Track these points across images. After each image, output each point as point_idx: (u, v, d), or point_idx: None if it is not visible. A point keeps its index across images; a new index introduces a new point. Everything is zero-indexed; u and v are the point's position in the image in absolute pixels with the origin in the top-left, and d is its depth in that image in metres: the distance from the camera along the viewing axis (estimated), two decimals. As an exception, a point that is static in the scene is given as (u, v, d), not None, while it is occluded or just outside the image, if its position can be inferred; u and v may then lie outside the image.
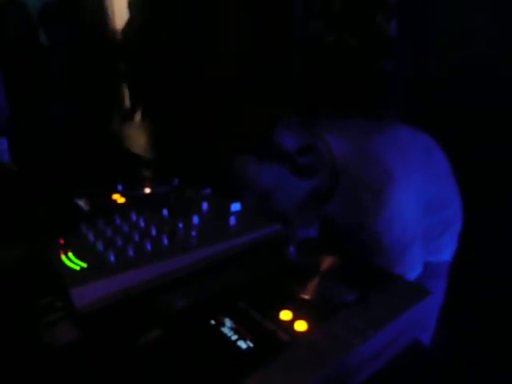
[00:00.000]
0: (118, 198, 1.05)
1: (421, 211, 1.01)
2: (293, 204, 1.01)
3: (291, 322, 0.58)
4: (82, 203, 1.02)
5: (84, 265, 0.75)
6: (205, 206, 0.96)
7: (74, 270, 0.74)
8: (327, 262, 0.72)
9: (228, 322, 0.59)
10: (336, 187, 1.00)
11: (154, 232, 0.84)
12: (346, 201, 1.00)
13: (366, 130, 1.04)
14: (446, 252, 1.18)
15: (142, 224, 0.88)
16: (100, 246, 0.79)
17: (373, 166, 0.96)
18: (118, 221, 0.89)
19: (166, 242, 0.81)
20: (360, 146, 0.99)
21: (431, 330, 1.18)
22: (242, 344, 0.55)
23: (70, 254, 0.77)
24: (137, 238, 0.82)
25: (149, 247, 0.79)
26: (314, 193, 1.00)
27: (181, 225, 0.87)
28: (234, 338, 0.56)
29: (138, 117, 3.13)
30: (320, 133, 1.01)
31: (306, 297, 0.64)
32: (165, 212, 0.93)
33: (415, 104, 1.69)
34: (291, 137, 0.92)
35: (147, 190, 1.09)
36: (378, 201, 0.94)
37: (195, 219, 0.89)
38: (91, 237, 0.83)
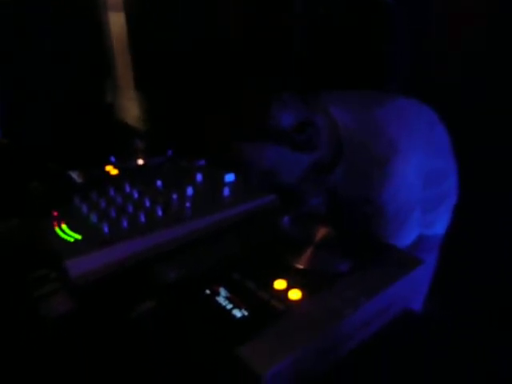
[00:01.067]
0: (111, 170, 1.04)
1: (421, 183, 1.02)
2: (297, 179, 1.01)
3: (285, 291, 0.59)
4: (75, 175, 1.01)
5: (78, 236, 0.75)
6: (199, 177, 0.95)
7: (68, 242, 0.74)
8: (321, 233, 0.72)
9: (223, 292, 0.59)
10: (339, 159, 1.00)
11: (147, 203, 0.84)
12: (350, 172, 1.00)
13: (370, 102, 1.04)
14: (439, 225, 1.19)
15: (136, 195, 0.88)
16: (94, 218, 0.79)
17: (377, 137, 0.95)
18: (111, 192, 0.88)
19: (160, 213, 0.81)
20: (364, 117, 0.99)
21: (421, 301, 1.20)
22: (237, 313, 0.56)
23: (64, 226, 0.77)
24: (130, 209, 0.82)
25: (143, 219, 0.79)
26: (318, 165, 1.01)
27: (175, 196, 0.87)
28: (229, 307, 0.57)
29: (132, 87, 3.08)
30: (320, 106, 1.00)
31: (300, 266, 0.64)
32: (159, 183, 0.92)
33: (416, 77, 1.67)
34: (287, 114, 0.91)
35: (141, 162, 1.08)
36: (383, 172, 0.94)
37: (189, 190, 0.89)
38: (85, 209, 0.82)
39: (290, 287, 0.60)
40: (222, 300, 0.58)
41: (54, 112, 1.70)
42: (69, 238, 0.74)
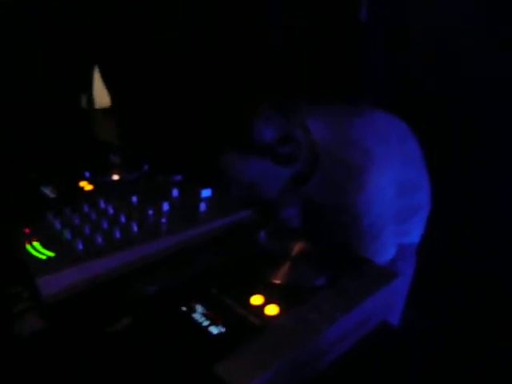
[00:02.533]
0: (86, 185, 1.02)
1: (395, 194, 1.04)
2: (277, 192, 1.02)
3: (262, 307, 0.59)
4: (47, 191, 1.00)
5: (51, 254, 0.73)
6: (175, 192, 0.95)
7: (40, 259, 0.72)
8: (298, 247, 0.73)
9: (199, 308, 0.59)
10: (315, 169, 1.02)
11: (123, 219, 0.83)
12: (325, 182, 1.02)
13: (346, 114, 1.06)
14: (414, 234, 1.22)
15: (111, 211, 0.86)
16: (67, 235, 0.77)
17: (353, 147, 0.97)
18: (85, 208, 0.87)
19: (135, 229, 0.80)
20: (340, 128, 1.01)
21: (399, 311, 1.21)
22: (214, 329, 0.55)
23: (36, 244, 0.75)
24: (105, 225, 0.81)
25: (118, 235, 0.78)
26: (295, 177, 1.02)
27: (151, 211, 0.86)
28: (206, 323, 0.56)
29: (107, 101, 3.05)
30: (298, 119, 1.02)
31: (277, 281, 0.64)
32: (134, 199, 0.91)
33: (390, 91, 1.71)
34: (270, 129, 0.93)
35: (116, 177, 1.07)
36: (358, 181, 0.95)
37: (165, 206, 0.88)
38: (58, 225, 0.81)
39: (266, 302, 0.59)
40: (198, 317, 0.57)
41: (28, 127, 1.67)
42: (41, 256, 0.73)
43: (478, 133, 1.58)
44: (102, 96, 3.04)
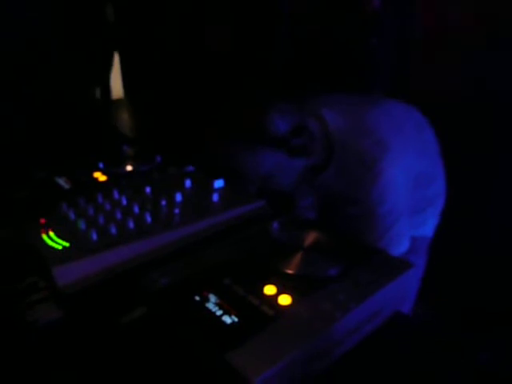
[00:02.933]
0: (100, 176, 1.03)
1: (410, 185, 1.02)
2: (292, 184, 1.02)
3: (275, 297, 0.59)
4: (62, 182, 1.01)
5: (66, 244, 0.74)
6: (188, 183, 0.95)
7: (56, 250, 0.73)
8: (311, 237, 0.72)
9: (213, 298, 0.59)
10: (330, 160, 1.01)
11: (136, 210, 0.84)
12: (339, 173, 1.01)
13: (361, 104, 1.05)
14: (428, 227, 1.20)
15: (125, 202, 0.87)
16: (82, 225, 0.78)
17: (367, 137, 0.96)
18: (99, 199, 0.88)
19: (148, 219, 0.80)
20: (355, 118, 1.00)
21: (411, 304, 1.20)
22: (227, 319, 0.55)
23: (52, 234, 0.76)
24: (119, 216, 0.81)
25: (131, 225, 0.78)
26: (311, 168, 1.01)
27: (164, 202, 0.86)
28: (219, 313, 0.56)
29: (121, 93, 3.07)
30: (312, 110, 1.01)
31: (290, 271, 0.64)
32: (147, 190, 0.92)
33: (402, 80, 1.69)
34: (283, 120, 0.93)
35: (129, 168, 1.08)
36: (372, 172, 0.95)
37: (178, 196, 0.89)
38: (72, 215, 0.82)
39: (279, 292, 0.59)
40: (211, 306, 0.58)
41: (41, 118, 1.68)
42: (56, 246, 0.74)
43: (492, 125, 1.56)
44: (115, 88, 3.05)
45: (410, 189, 1.03)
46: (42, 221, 0.81)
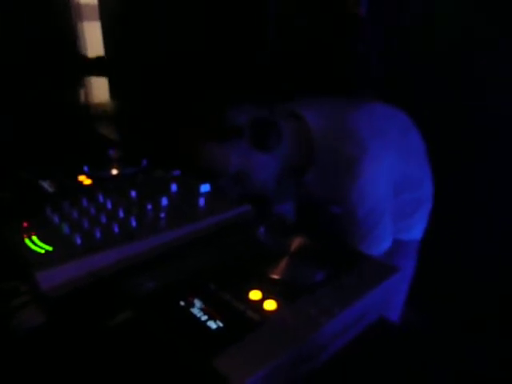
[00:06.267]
0: (84, 180, 1.02)
1: (392, 188, 1.03)
2: (267, 182, 1.02)
3: (261, 302, 0.59)
4: (46, 185, 0.99)
5: (49, 248, 0.73)
6: (174, 187, 0.95)
7: (39, 254, 0.72)
8: (297, 242, 0.73)
9: (198, 303, 0.59)
10: (311, 162, 1.02)
11: (121, 214, 0.83)
12: (320, 174, 1.02)
13: (343, 107, 1.06)
14: (416, 230, 1.21)
15: (110, 206, 0.86)
16: (66, 229, 0.77)
17: (348, 139, 0.97)
18: (84, 203, 0.87)
19: (134, 224, 0.80)
20: (336, 121, 1.01)
21: (399, 308, 1.21)
22: (212, 324, 0.55)
23: (34, 238, 0.75)
24: (104, 220, 0.81)
25: (116, 229, 0.78)
26: (288, 169, 1.02)
27: (149, 206, 0.86)
28: (204, 318, 0.56)
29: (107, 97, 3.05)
30: (286, 111, 1.02)
31: (276, 277, 0.64)
32: (133, 194, 0.91)
33: (390, 82, 1.70)
34: (242, 115, 0.94)
35: (114, 171, 1.07)
36: (352, 172, 0.95)
37: (164, 201, 0.88)
38: (56, 219, 0.81)
39: (265, 298, 0.59)
40: (196, 311, 0.57)
41: (26, 121, 1.67)
42: (39, 250, 0.73)
43: (478, 128, 1.57)
44: (100, 91, 3.03)
45: (392, 192, 1.04)
46: (25, 224, 0.80)
